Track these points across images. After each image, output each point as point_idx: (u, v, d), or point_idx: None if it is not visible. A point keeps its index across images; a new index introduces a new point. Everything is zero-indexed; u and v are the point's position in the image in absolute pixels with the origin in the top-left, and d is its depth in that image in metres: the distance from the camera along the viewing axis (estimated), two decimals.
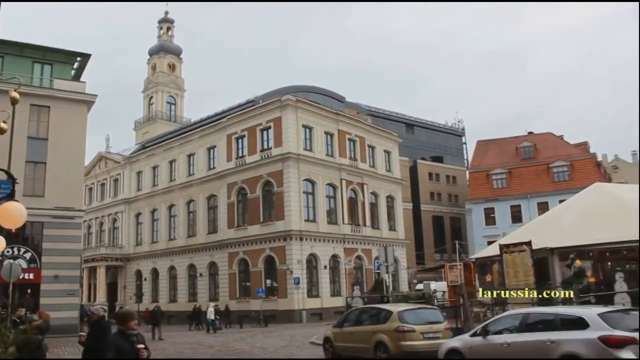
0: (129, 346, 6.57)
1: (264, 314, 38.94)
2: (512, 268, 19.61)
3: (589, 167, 58.76)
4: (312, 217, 43.60)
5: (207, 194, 48.62)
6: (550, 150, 62.35)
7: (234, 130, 46.65)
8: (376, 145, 52.17)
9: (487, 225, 59.42)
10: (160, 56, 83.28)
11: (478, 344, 12.42)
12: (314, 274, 43.05)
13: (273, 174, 43.05)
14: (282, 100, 43.42)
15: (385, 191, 52.16)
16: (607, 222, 19.65)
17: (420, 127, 76.36)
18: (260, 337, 28.65)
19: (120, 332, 6.74)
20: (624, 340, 10.01)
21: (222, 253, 45.83)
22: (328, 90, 59.30)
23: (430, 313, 16.52)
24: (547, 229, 21.82)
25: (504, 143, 66.18)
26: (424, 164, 71.38)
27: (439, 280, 40.43)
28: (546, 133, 67.09)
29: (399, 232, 53.25)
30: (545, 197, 56.21)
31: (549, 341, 10.88)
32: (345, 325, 17.65)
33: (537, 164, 61.23)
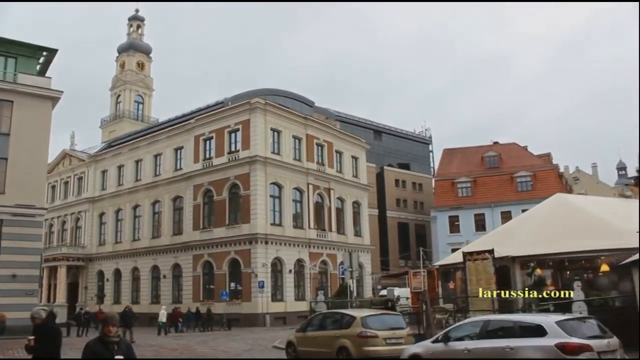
0: (107, 355, 5.95)
1: (227, 317, 38.71)
2: (474, 275, 19.85)
3: (551, 178, 59.89)
4: (278, 220, 43.52)
5: (172, 195, 48.17)
6: (514, 160, 63.39)
7: (202, 132, 46.34)
8: (344, 150, 52.38)
9: (451, 233, 60.05)
10: (130, 54, 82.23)
11: (439, 350, 12.58)
12: (279, 277, 42.94)
13: (240, 176, 42.86)
14: (251, 103, 43.29)
15: (352, 197, 52.37)
16: (567, 232, 20.06)
17: (388, 134, 76.88)
18: (223, 340, 28.51)
19: (99, 339, 6.17)
20: (579, 347, 10.32)
21: (187, 255, 45.41)
22: (297, 94, 59.31)
23: (393, 319, 16.67)
24: (509, 238, 22.14)
25: (470, 152, 67.06)
26: (391, 170, 71.89)
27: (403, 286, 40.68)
28: (511, 143, 68.21)
29: (364, 237, 53.48)
30: (509, 206, 57.04)
31: (508, 348, 11.12)
32: (308, 330, 17.69)
33: (501, 174, 62.16)
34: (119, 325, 6.26)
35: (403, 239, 69.29)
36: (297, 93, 59.45)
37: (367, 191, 55.71)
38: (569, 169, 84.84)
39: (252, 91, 51.73)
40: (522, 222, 25.11)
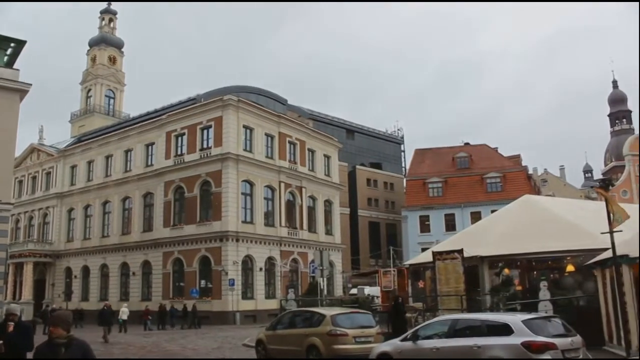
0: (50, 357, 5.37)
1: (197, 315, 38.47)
2: (444, 275, 20.07)
3: (520, 180, 60.73)
4: (249, 218, 43.41)
5: (143, 192, 47.69)
6: (485, 161, 64.14)
7: (174, 128, 45.97)
8: (316, 149, 52.43)
9: (422, 233, 60.52)
10: (101, 48, 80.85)
11: (408, 348, 12.69)
12: (250, 275, 42.84)
13: (212, 173, 42.65)
14: (224, 99, 43.08)
15: (324, 195, 52.46)
16: (535, 232, 20.39)
17: (360, 133, 77.11)
18: (192, 338, 28.31)
19: (47, 341, 5.57)
20: (545, 345, 10.56)
21: (157, 252, 45.02)
22: (271, 92, 59.19)
23: (363, 317, 16.72)
24: (478, 238, 22.41)
25: (441, 153, 67.64)
26: (363, 169, 72.14)
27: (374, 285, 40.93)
28: (481, 145, 69.02)
29: (335, 236, 53.61)
30: (478, 207, 57.69)
31: (475, 346, 11.29)
32: (278, 328, 17.67)
33: (471, 175, 62.83)
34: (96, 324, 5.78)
35: (374, 238, 69.60)
36: (271, 91, 59.37)
37: (339, 190, 55.87)
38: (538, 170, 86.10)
39: (225, 88, 51.48)
40: (491, 223, 25.43)
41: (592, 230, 17.33)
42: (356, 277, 54.02)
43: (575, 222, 20.61)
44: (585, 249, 18.20)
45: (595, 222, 16.18)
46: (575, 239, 19.04)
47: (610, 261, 14.48)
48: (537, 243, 19.73)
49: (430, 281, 22.62)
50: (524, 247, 19.95)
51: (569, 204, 27.90)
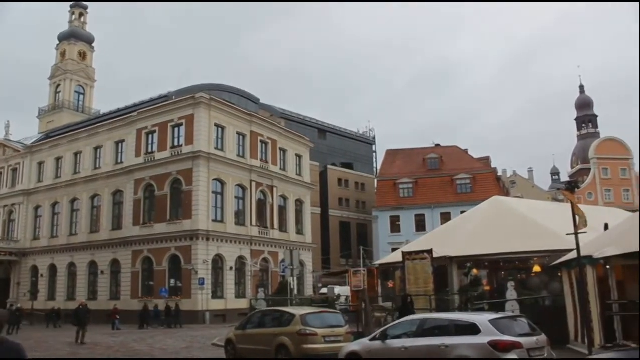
0: None
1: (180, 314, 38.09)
2: (413, 275, 20.26)
3: (489, 181, 61.47)
4: (220, 217, 43.21)
5: (113, 189, 47.12)
6: (455, 163, 64.75)
7: (145, 125, 45.50)
8: (288, 148, 52.42)
9: (392, 233, 60.83)
10: (71, 43, 79.50)
11: (377, 348, 12.79)
12: (220, 275, 42.63)
13: (182, 172, 42.33)
14: (195, 97, 42.80)
15: (295, 195, 52.46)
16: (503, 233, 20.71)
17: (332, 133, 77.24)
18: (161, 337, 28.07)
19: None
20: (511, 344, 10.76)
21: (126, 251, 44.51)
22: (243, 90, 58.95)
23: (333, 317, 16.77)
24: (448, 239, 22.68)
25: (412, 153, 68.09)
26: (334, 169, 72.28)
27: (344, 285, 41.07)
28: (452, 146, 69.66)
29: (306, 236, 53.65)
30: (448, 208, 58.20)
31: (443, 346, 11.43)
32: (248, 328, 17.62)
33: (442, 176, 63.37)
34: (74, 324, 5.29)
35: (345, 237, 69.79)
36: (243, 89, 59.11)
37: (310, 190, 55.91)
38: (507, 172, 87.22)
39: (196, 86, 51.15)
40: (460, 223, 25.76)
41: (558, 231, 17.64)
42: (326, 276, 54.14)
43: (542, 224, 20.99)
44: (551, 250, 18.56)
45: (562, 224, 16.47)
46: (542, 240, 19.39)
47: (575, 262, 14.77)
48: (505, 244, 20.05)
49: (399, 281, 22.81)
50: (492, 247, 20.25)
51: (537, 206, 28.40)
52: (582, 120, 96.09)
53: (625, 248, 13.46)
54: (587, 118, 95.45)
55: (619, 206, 49.66)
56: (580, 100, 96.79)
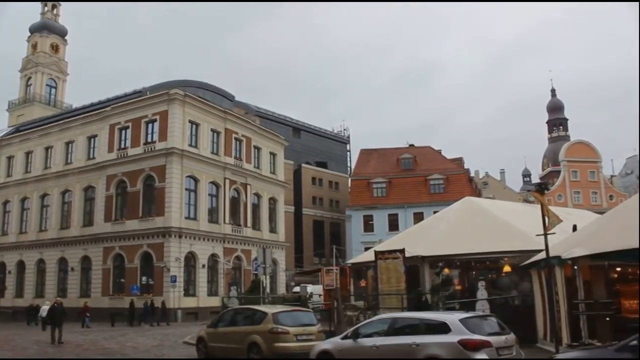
0: None
1: (138, 312, 37.80)
2: (385, 274, 20.33)
3: (462, 182, 62.05)
4: (193, 214, 42.98)
5: (84, 185, 46.52)
6: (429, 163, 65.22)
7: (118, 121, 45.00)
8: (262, 146, 52.33)
9: (365, 232, 61.06)
10: (43, 35, 78.00)
11: (348, 346, 12.86)
12: (192, 272, 42.39)
13: (155, 168, 42.00)
14: (169, 93, 42.48)
15: (269, 193, 52.40)
16: (474, 233, 20.93)
17: (307, 131, 77.20)
18: (132, 335, 27.83)
19: None
20: (480, 343, 10.91)
21: (97, 247, 43.98)
22: (218, 87, 58.54)
23: (305, 315, 16.80)
24: (420, 238, 22.84)
25: (386, 153, 68.41)
26: (308, 168, 72.28)
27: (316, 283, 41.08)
28: (426, 147, 70.15)
29: (279, 234, 53.62)
30: (421, 208, 58.59)
31: (414, 344, 11.54)
32: (219, 326, 17.57)
33: (415, 176, 63.77)
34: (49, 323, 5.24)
35: (318, 236, 69.86)
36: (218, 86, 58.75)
37: (284, 188, 55.90)
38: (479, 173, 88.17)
39: (171, 82, 50.67)
40: (433, 223, 25.95)
41: (528, 232, 17.89)
42: (299, 275, 54.11)
43: (513, 224, 21.27)
44: (521, 250, 18.79)
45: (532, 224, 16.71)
46: (512, 241, 19.65)
47: (543, 262, 15.02)
48: (476, 244, 20.26)
49: (372, 280, 22.89)
50: (463, 247, 20.46)
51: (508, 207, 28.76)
52: (553, 123, 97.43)
53: (592, 249, 13.73)
54: (558, 121, 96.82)
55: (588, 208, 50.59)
56: (552, 104, 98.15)
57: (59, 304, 26.60)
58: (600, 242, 13.92)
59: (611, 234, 14.03)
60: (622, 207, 18.56)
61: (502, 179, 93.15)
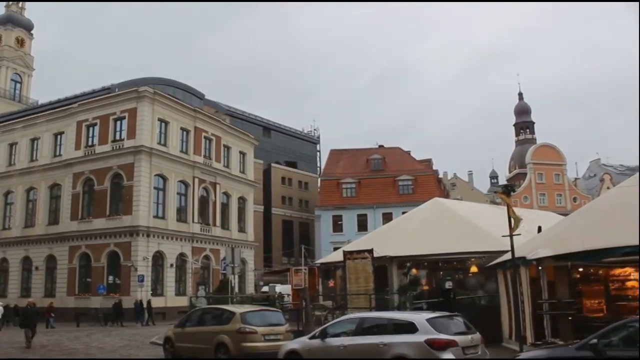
0: None
1: (104, 312, 37.31)
2: (353, 274, 20.44)
3: (430, 183, 62.60)
4: (161, 213, 42.59)
5: (50, 182, 45.68)
6: (398, 164, 65.61)
7: (86, 118, 44.28)
8: (232, 145, 52.11)
9: (334, 232, 61.16)
10: (7, 28, 76.35)
11: (316, 346, 12.90)
12: (160, 272, 42.00)
13: (124, 166, 41.50)
14: (139, 91, 42.03)
15: (238, 192, 52.21)
16: (442, 234, 21.19)
17: (277, 131, 77.13)
18: (98, 336, 27.49)
19: None
20: (447, 343, 11.06)
21: (63, 246, 43.26)
22: (188, 85, 58.14)
23: (273, 315, 16.80)
24: (389, 239, 23.01)
25: (356, 154, 68.66)
26: (278, 168, 72.23)
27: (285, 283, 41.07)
28: (395, 148, 70.54)
29: (248, 234, 53.46)
30: (390, 208, 58.89)
31: (382, 344, 11.64)
32: (187, 325, 17.47)
33: (384, 176, 64.10)
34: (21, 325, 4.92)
35: (287, 236, 69.83)
36: (188, 84, 58.33)
37: (254, 187, 55.75)
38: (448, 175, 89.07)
39: (140, 79, 50.13)
40: (401, 224, 26.16)
41: (495, 233, 18.16)
42: (268, 274, 54.03)
43: (480, 225, 21.58)
44: (487, 251, 19.09)
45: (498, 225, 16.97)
46: (479, 241, 19.93)
47: (509, 263, 15.26)
48: (444, 244, 20.51)
49: (340, 280, 22.99)
50: (431, 248, 20.69)
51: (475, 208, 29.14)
52: (520, 126, 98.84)
53: (556, 250, 14.01)
54: (525, 124, 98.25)
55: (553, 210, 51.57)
56: (519, 107, 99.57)
57: (32, 305, 25.91)
58: (563, 243, 14.22)
59: (574, 235, 14.32)
60: (585, 209, 18.98)
61: (470, 181, 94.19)
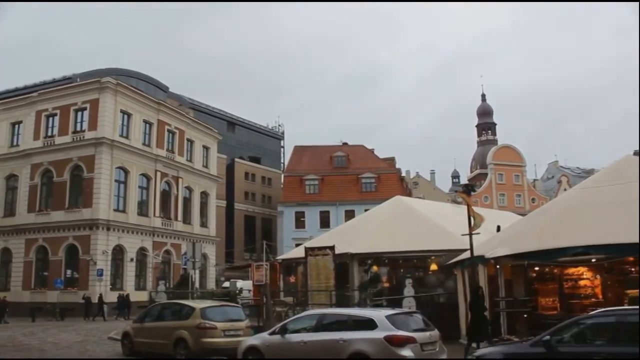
0: None
1: (61, 306, 36.58)
2: (315, 270, 20.52)
3: (393, 181, 63.09)
4: (122, 207, 42.02)
5: (6, 173, 44.54)
6: (361, 162, 65.90)
7: (45, 107, 43.32)
8: (195, 139, 51.69)
9: (297, 228, 61.15)
10: None
11: (276, 342, 12.93)
12: (120, 266, 41.48)
13: (84, 158, 40.78)
14: (101, 81, 41.33)
15: (200, 187, 51.84)
16: (403, 232, 21.41)
17: (241, 126, 76.85)
18: (54, 331, 26.91)
19: None
20: (405, 339, 11.22)
21: (19, 239, 42.24)
22: (152, 77, 57.55)
23: (233, 311, 16.75)
24: (350, 236, 23.14)
25: (320, 151, 68.77)
26: (242, 163, 71.94)
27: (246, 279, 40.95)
28: (359, 145, 70.90)
29: (210, 228, 53.14)
30: (353, 205, 59.15)
31: (341, 340, 11.73)
32: (146, 321, 17.28)
33: (347, 174, 64.33)
34: None
35: (249, 231, 69.65)
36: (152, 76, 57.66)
37: (216, 182, 55.45)
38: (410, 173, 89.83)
39: (103, 69, 49.42)
40: (363, 221, 26.32)
41: (455, 232, 18.44)
42: (229, 270, 53.88)
43: (441, 224, 21.87)
44: (447, 250, 19.35)
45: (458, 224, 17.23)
46: (439, 240, 20.19)
47: (468, 261, 15.53)
48: (405, 242, 20.73)
49: (301, 276, 23.04)
50: (392, 245, 20.88)
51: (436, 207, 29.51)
52: (482, 127, 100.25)
53: (513, 249, 14.32)
54: (487, 125, 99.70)
55: (512, 210, 52.45)
56: (482, 108, 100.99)
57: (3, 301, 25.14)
58: (521, 243, 14.54)
59: (531, 235, 14.66)
60: (542, 210, 19.42)
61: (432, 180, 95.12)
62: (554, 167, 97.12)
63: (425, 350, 11.51)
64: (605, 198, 14.39)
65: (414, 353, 11.15)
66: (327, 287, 19.84)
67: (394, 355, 11.05)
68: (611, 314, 9.25)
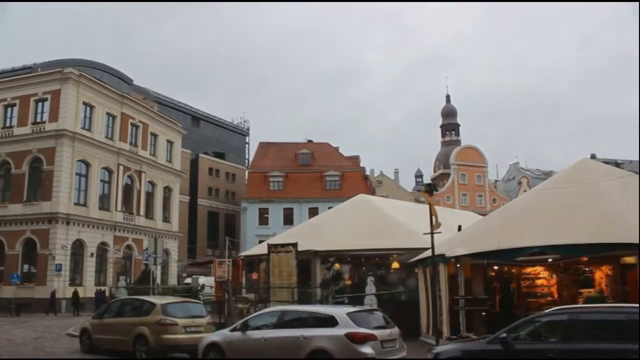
0: None
1: (17, 302, 35.71)
2: (277, 267, 20.57)
3: (357, 179, 63.35)
4: (82, 200, 41.34)
5: None
6: (326, 159, 66.02)
7: (4, 97, 42.24)
8: (159, 134, 51.14)
9: (260, 225, 60.96)
10: None
11: (237, 338, 12.93)
12: (79, 261, 40.84)
13: (44, 150, 39.97)
14: (63, 72, 40.53)
15: (164, 182, 51.36)
16: (366, 230, 21.58)
17: (206, 121, 76.30)
18: (9, 327, 26.28)
19: None
20: (366, 336, 11.36)
21: None
22: (116, 70, 56.57)
23: (194, 307, 16.65)
24: (314, 233, 23.21)
25: (285, 148, 68.63)
26: (206, 158, 71.46)
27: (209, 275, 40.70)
28: (324, 143, 71.03)
29: (173, 224, 52.69)
30: (317, 203, 59.21)
31: (302, 337, 11.80)
32: (105, 317, 17.07)
33: (312, 171, 64.38)
34: None
35: (212, 227, 69.25)
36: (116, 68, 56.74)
37: (180, 177, 55.00)
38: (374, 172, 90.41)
39: (66, 60, 48.45)
40: (327, 219, 26.44)
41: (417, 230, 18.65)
42: (192, 266, 53.47)
43: (403, 223, 22.11)
44: (409, 248, 19.58)
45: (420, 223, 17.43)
46: (401, 238, 20.42)
47: (429, 260, 15.74)
48: (367, 240, 20.90)
49: (264, 273, 23.04)
50: (355, 243, 21.04)
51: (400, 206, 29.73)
52: (446, 127, 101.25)
53: (473, 248, 14.58)
54: (451, 126, 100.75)
55: (473, 210, 53.26)
56: (446, 109, 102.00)
57: None
58: (480, 243, 14.81)
59: (490, 235, 14.94)
60: (501, 210, 19.80)
61: (396, 179, 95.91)
62: (514, 169, 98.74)
63: (386, 348, 11.66)
64: (562, 200, 14.76)
65: (374, 350, 11.30)
66: (289, 284, 19.90)
67: (355, 352, 11.17)
68: (565, 312, 9.52)
